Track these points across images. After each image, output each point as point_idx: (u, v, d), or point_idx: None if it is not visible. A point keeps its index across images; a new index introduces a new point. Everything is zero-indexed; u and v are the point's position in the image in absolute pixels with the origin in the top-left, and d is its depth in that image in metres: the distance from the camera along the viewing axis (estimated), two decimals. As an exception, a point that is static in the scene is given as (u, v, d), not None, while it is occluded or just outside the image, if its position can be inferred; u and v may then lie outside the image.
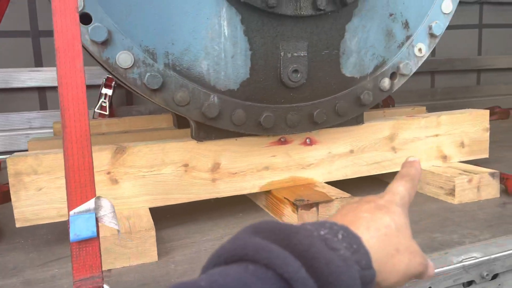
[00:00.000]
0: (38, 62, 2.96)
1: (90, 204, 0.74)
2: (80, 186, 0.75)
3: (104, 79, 2.60)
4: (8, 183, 1.87)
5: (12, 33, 2.86)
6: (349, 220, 0.51)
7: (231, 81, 1.22)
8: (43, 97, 3.04)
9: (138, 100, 3.15)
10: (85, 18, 1.06)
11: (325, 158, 1.45)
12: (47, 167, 1.13)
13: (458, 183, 1.41)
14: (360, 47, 1.35)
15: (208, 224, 1.34)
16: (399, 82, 1.44)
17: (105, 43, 1.08)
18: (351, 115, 1.39)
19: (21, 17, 2.85)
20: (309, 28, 1.25)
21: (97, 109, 2.48)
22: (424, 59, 1.46)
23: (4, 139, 2.94)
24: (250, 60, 1.22)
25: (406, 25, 1.41)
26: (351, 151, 1.48)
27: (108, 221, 0.75)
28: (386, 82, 1.41)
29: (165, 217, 1.43)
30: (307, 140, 1.42)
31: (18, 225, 1.13)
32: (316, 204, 1.22)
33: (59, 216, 1.16)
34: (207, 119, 1.21)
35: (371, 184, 1.65)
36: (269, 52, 1.23)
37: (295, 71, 1.25)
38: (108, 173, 1.19)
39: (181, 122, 1.87)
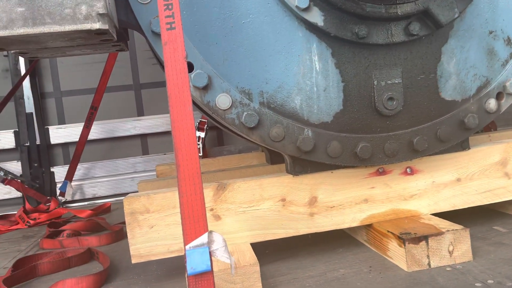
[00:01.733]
0: (140, 112, 3.26)
1: (204, 238, 0.78)
2: (194, 221, 0.80)
3: (197, 123, 2.78)
4: (119, 223, 2.05)
5: (118, 88, 3.21)
6: None
7: (324, 114, 1.22)
8: (144, 143, 3.32)
9: (228, 141, 3.30)
10: (188, 67, 1.15)
11: (429, 188, 1.36)
12: (158, 206, 1.22)
13: None
14: (460, 68, 1.28)
15: (308, 260, 1.32)
16: (507, 102, 1.33)
17: (205, 88, 1.16)
18: (455, 140, 1.31)
19: (124, 73, 3.20)
20: (402, 55, 1.23)
21: (193, 150, 2.63)
22: (534, 75, 1.34)
23: (112, 183, 3.24)
24: (343, 92, 1.22)
25: (508, 41, 1.31)
26: (458, 180, 1.37)
27: (220, 255, 0.78)
28: (492, 103, 1.31)
29: (264, 253, 1.44)
30: (408, 169, 1.35)
31: (134, 261, 1.22)
32: (425, 238, 1.14)
33: (169, 252, 1.23)
34: (302, 153, 1.22)
35: (483, 215, 1.51)
36: (362, 82, 1.22)
37: (390, 98, 1.22)
38: (211, 209, 1.25)
39: (274, 159, 1.90)
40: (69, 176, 3.03)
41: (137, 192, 1.41)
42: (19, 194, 2.98)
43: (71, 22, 0.96)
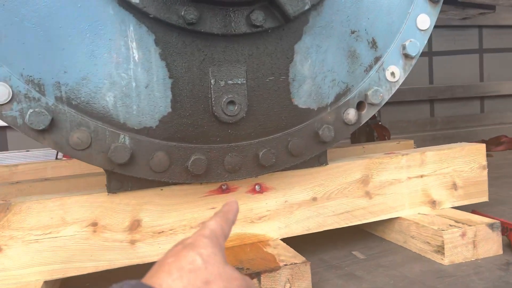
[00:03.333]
0: None
1: None
2: None
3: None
4: None
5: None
6: (154, 270, 0.53)
7: (147, 116, 0.96)
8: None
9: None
10: None
11: (281, 208, 1.17)
12: None
13: (448, 238, 1.12)
14: (316, 71, 1.09)
15: None
16: (368, 113, 1.18)
17: (-30, 73, 0.83)
18: (308, 154, 1.12)
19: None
20: (247, 50, 1.01)
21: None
22: (398, 84, 1.20)
23: None
24: (171, 90, 0.97)
25: (373, 44, 1.16)
26: (314, 199, 1.20)
27: None
28: (351, 114, 1.14)
29: (84, 285, 1.15)
30: (256, 186, 1.14)
31: None
32: (257, 275, 0.94)
33: None
34: (116, 166, 0.95)
35: (348, 235, 1.37)
36: (196, 79, 0.98)
37: (231, 102, 1.00)
38: (-13, 238, 0.93)
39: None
40: None
41: None
42: None
43: None
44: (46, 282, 0.98)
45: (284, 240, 1.16)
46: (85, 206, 0.99)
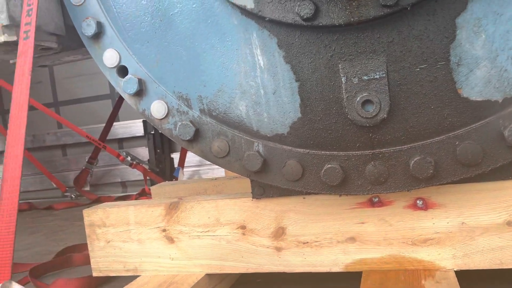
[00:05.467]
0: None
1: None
2: (1, 265, 0.70)
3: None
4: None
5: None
6: None
7: (277, 123, 0.93)
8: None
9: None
10: (122, 72, 1.03)
11: (455, 231, 0.91)
12: (113, 220, 1.15)
13: None
14: (496, 49, 0.78)
15: None
16: None
17: (139, 94, 1.01)
18: (489, 164, 0.82)
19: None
20: (384, 37, 0.82)
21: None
22: None
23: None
24: (299, 94, 0.90)
25: None
26: (510, 223, 0.87)
27: (14, 309, 0.66)
28: None
29: (255, 282, 1.23)
30: (418, 202, 0.93)
31: (94, 274, 1.19)
32: (390, 314, 0.76)
33: (125, 270, 1.16)
34: (251, 173, 0.96)
35: None
36: (325, 79, 0.87)
37: (367, 101, 0.84)
38: (164, 230, 1.11)
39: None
40: (181, 163, 3.25)
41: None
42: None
43: (-18, 37, 0.95)
44: (209, 276, 1.09)
45: (463, 272, 0.90)
46: (234, 209, 1.05)
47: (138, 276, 1.14)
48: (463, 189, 0.90)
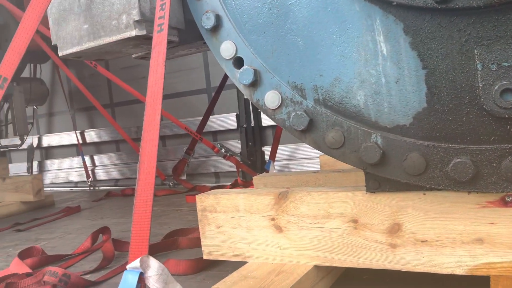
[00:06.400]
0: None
1: (138, 262, 0.73)
2: (140, 240, 0.76)
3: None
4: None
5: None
6: None
7: (399, 114, 0.88)
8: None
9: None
10: (238, 63, 1.06)
11: None
12: (224, 207, 1.19)
13: None
14: None
15: None
16: None
17: (254, 85, 1.03)
18: None
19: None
20: (532, 17, 0.74)
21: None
22: None
23: (314, 165, 3.32)
24: (425, 83, 0.84)
25: None
26: None
27: (152, 283, 0.71)
28: None
29: (361, 277, 1.20)
30: None
31: (205, 257, 1.24)
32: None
33: (234, 255, 1.19)
34: (368, 165, 0.93)
35: None
36: (457, 66, 0.81)
37: (507, 90, 0.76)
38: (273, 219, 1.12)
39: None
40: (272, 156, 3.29)
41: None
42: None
43: (116, 32, 1.04)
44: (317, 267, 1.08)
45: None
46: (346, 202, 1.03)
47: (245, 262, 1.17)
48: None
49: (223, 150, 3.35)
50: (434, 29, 0.81)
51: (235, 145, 3.59)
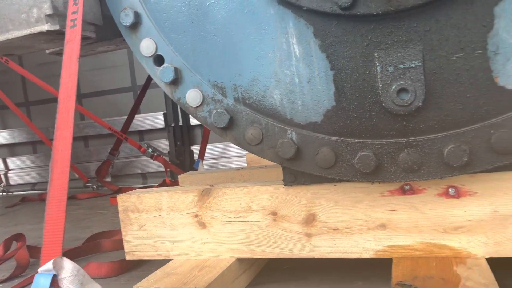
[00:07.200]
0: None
1: (51, 264, 0.71)
2: (52, 242, 0.73)
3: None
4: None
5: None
6: None
7: (311, 111, 0.95)
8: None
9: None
10: (159, 61, 1.06)
11: (487, 219, 0.92)
12: (146, 206, 1.19)
13: None
14: (534, 37, 0.79)
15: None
16: None
17: (175, 83, 1.04)
18: (524, 153, 0.83)
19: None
20: (421, 26, 0.83)
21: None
22: None
23: (243, 163, 3.39)
24: (333, 83, 0.91)
25: None
26: (543, 212, 0.88)
27: (66, 285, 0.70)
28: None
29: (282, 268, 1.25)
30: (450, 190, 0.94)
31: (127, 258, 1.23)
32: (424, 298, 0.78)
33: (157, 254, 1.19)
34: (284, 160, 0.98)
35: None
36: (360, 68, 0.89)
37: (402, 90, 0.85)
38: (196, 215, 1.14)
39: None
40: (201, 155, 3.29)
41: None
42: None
43: (26, 26, 0.99)
44: (239, 260, 1.12)
45: (495, 260, 0.91)
46: (266, 196, 1.07)
47: (169, 260, 1.17)
48: (496, 178, 0.90)
49: (150, 150, 3.28)
50: (340, 34, 0.88)
51: (163, 144, 3.54)
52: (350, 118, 0.92)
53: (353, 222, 1.01)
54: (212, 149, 3.45)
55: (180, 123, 3.42)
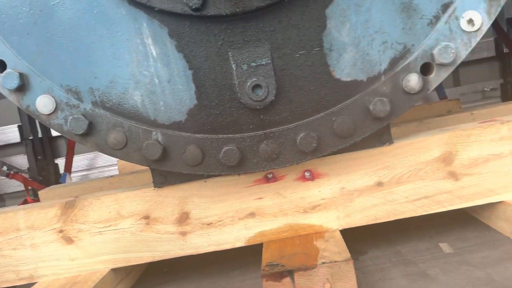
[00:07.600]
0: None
1: None
2: None
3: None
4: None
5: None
6: None
7: (175, 111, 0.96)
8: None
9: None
10: (1, 66, 0.95)
11: (337, 196, 1.04)
12: (1, 228, 1.06)
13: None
14: (358, 36, 0.92)
15: (204, 283, 1.10)
16: (438, 77, 0.95)
17: (21, 89, 0.95)
18: (360, 134, 0.97)
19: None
20: (267, 26, 0.91)
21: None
22: (481, 34, 0.93)
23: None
24: (193, 82, 0.94)
25: (438, -12, 0.92)
26: (379, 184, 1.03)
27: None
28: (413, 80, 0.93)
29: (162, 271, 1.24)
30: (306, 173, 1.04)
31: (-19, 288, 1.08)
32: (289, 273, 0.85)
33: (19, 279, 1.08)
34: (151, 162, 0.97)
35: (446, 221, 1.16)
36: (217, 67, 0.93)
37: (257, 86, 0.91)
38: (61, 231, 1.06)
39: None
40: (68, 168, 3.04)
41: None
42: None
43: None
44: (114, 270, 1.08)
45: (348, 230, 1.04)
46: (136, 201, 1.05)
47: (34, 283, 1.07)
48: (341, 159, 1.03)
49: (5, 168, 2.92)
50: (194, 34, 0.91)
51: (21, 160, 3.18)
52: (212, 115, 0.95)
53: (225, 215, 1.05)
54: (80, 160, 3.21)
55: (40, 135, 3.12)
